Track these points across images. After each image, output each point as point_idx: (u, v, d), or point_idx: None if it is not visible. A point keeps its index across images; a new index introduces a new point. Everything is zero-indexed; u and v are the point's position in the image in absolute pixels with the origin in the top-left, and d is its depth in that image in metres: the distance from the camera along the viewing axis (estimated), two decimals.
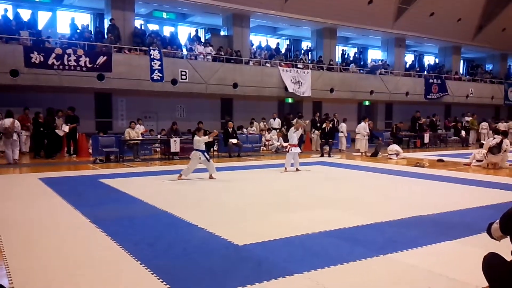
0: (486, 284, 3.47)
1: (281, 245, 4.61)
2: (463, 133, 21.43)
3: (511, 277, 2.99)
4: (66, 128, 14.44)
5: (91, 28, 18.91)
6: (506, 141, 12.06)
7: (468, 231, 5.09)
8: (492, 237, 3.25)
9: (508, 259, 3.10)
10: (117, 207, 6.69)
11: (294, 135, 11.09)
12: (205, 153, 9.70)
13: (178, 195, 7.83)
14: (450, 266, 3.97)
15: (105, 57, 15.75)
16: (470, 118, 23.24)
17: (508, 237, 3.12)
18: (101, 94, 18.05)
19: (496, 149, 11.60)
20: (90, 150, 14.70)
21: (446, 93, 25.57)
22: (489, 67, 32.32)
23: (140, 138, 14.70)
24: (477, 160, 12.45)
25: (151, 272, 3.80)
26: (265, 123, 19.23)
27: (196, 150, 9.66)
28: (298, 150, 11.18)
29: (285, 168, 10.96)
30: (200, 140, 9.71)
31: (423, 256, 4.25)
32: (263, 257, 4.22)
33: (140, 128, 15.30)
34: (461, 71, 30.25)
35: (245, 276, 3.74)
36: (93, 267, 3.96)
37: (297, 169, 11.02)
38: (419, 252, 4.38)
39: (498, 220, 3.18)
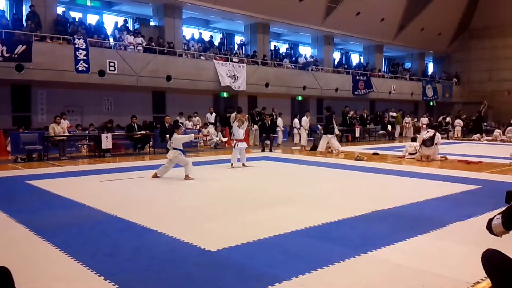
0: (474, 280, 3.49)
1: (257, 248, 4.29)
2: (389, 127, 22.47)
3: None
4: None
5: (7, 15, 17.04)
6: (438, 135, 12.68)
7: (434, 225, 5.12)
8: (492, 233, 3.14)
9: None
10: (58, 213, 5.90)
11: (240, 130, 10.75)
12: (184, 153, 9.09)
13: (123, 196, 7.15)
14: (433, 262, 3.90)
15: (24, 46, 14.19)
16: (394, 113, 24.57)
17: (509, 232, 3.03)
18: (18, 86, 16.33)
19: (429, 141, 12.11)
20: (9, 148, 13.23)
21: (372, 90, 26.69)
22: (408, 65, 34.28)
23: (67, 134, 13.49)
24: (409, 153, 12.98)
25: None
26: (197, 117, 18.64)
27: (175, 149, 8.94)
28: (244, 145, 10.86)
29: (232, 164, 10.59)
30: (178, 139, 9.02)
31: (404, 253, 4.16)
32: (243, 263, 3.87)
33: (65, 123, 14.03)
34: (383, 69, 31.74)
35: (230, 285, 3.38)
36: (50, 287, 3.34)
37: (243, 165, 10.70)
38: (398, 248, 4.29)
39: (498, 216, 3.07)
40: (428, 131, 12.69)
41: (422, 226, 5.05)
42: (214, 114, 18.81)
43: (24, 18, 16.38)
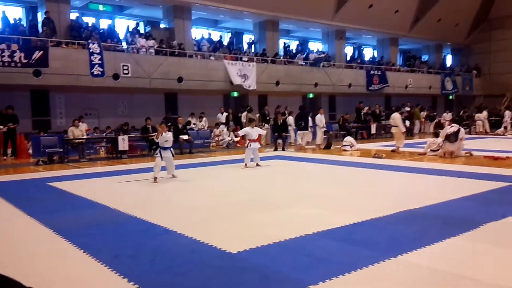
0: None
1: (278, 250, 4.24)
2: (407, 123, 22.10)
3: None
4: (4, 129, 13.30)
5: (24, 22, 17.44)
6: (463, 130, 12.13)
7: (465, 226, 4.89)
8: None
9: None
10: (79, 214, 6.04)
11: (253, 131, 10.84)
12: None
13: (142, 197, 7.28)
14: (469, 266, 3.73)
15: (41, 52, 14.53)
16: (409, 108, 24.23)
17: None
18: (37, 91, 16.71)
19: (453, 137, 11.64)
20: (30, 151, 13.56)
21: (387, 84, 26.27)
22: (424, 58, 33.30)
23: (85, 136, 13.77)
24: (431, 150, 12.51)
25: None
26: (204, 118, 18.70)
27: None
28: (257, 145, 10.93)
29: (245, 164, 10.67)
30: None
31: (436, 256, 3.99)
32: (266, 266, 3.83)
33: (83, 126, 14.35)
34: (398, 63, 31.11)
35: None
36: None
37: (257, 165, 10.77)
38: (429, 251, 4.11)
39: None
40: (452, 126, 12.09)
41: (453, 227, 4.83)
42: (225, 114, 18.90)
43: (39, 25, 16.72)
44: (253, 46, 24.06)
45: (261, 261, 3.95)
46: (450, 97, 31.36)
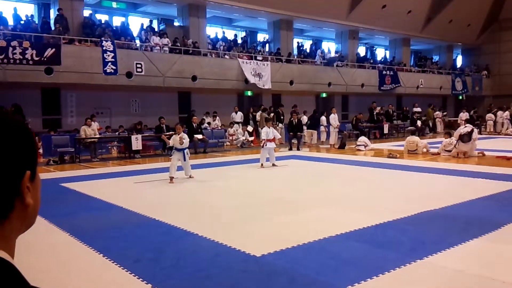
0: None
1: (304, 253, 4.13)
2: (418, 123, 21.93)
3: None
4: None
5: (36, 19, 17.35)
6: (476, 131, 12.29)
7: (487, 226, 4.86)
8: None
9: None
10: (96, 216, 5.89)
11: (269, 131, 10.62)
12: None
13: (158, 197, 7.12)
14: (496, 267, 3.67)
15: (53, 49, 14.37)
16: (419, 108, 24.16)
17: None
18: (48, 89, 16.57)
19: (466, 137, 11.71)
20: (41, 151, 13.42)
21: (399, 84, 26.10)
22: (435, 58, 33.35)
23: (98, 135, 13.61)
24: (445, 150, 12.50)
25: None
26: (217, 117, 18.50)
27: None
28: (273, 145, 10.71)
29: (261, 164, 10.47)
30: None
31: (462, 258, 3.94)
32: (292, 269, 3.71)
33: (95, 125, 14.18)
34: (410, 63, 31.03)
35: None
36: None
37: (273, 165, 10.57)
38: (455, 253, 4.05)
39: None
40: (466, 126, 12.27)
41: (475, 228, 4.80)
42: (239, 113, 18.69)
43: (52, 22, 16.61)
44: (267, 45, 23.84)
45: (286, 264, 3.83)
46: (460, 97, 31.21)
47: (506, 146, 14.68)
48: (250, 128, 18.12)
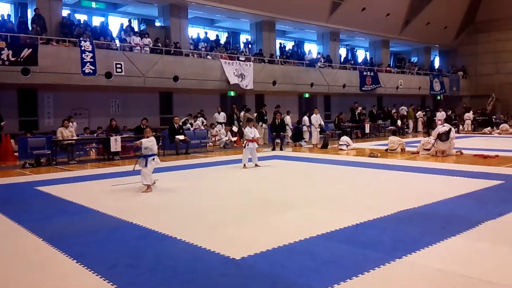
0: None
1: (284, 255, 4.06)
2: (399, 122, 22.18)
3: None
4: None
5: (12, 19, 16.91)
6: (453, 130, 12.48)
7: (465, 224, 4.89)
8: None
9: None
10: (71, 220, 5.69)
11: (251, 131, 10.55)
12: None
13: (137, 201, 6.94)
14: (476, 266, 3.68)
15: (30, 50, 14.02)
16: (403, 107, 24.57)
17: None
18: (25, 90, 16.19)
19: (444, 136, 11.90)
20: (16, 153, 13.07)
21: (379, 85, 26.41)
22: (414, 59, 33.96)
23: (75, 137, 13.31)
24: (424, 149, 12.71)
25: None
26: (201, 119, 18.33)
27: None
28: (255, 145, 10.62)
29: (244, 165, 10.37)
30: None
31: (441, 256, 3.93)
32: (272, 272, 3.64)
33: (73, 127, 13.87)
34: (389, 64, 31.51)
35: None
36: None
37: (256, 165, 10.48)
38: (434, 251, 4.06)
39: None
40: (444, 125, 12.51)
41: (453, 226, 4.83)
42: (222, 114, 18.55)
43: (29, 22, 16.23)
44: (249, 46, 23.79)
45: (266, 267, 3.76)
46: (438, 97, 31.82)
47: (483, 145, 14.93)
48: (235, 128, 18.05)
